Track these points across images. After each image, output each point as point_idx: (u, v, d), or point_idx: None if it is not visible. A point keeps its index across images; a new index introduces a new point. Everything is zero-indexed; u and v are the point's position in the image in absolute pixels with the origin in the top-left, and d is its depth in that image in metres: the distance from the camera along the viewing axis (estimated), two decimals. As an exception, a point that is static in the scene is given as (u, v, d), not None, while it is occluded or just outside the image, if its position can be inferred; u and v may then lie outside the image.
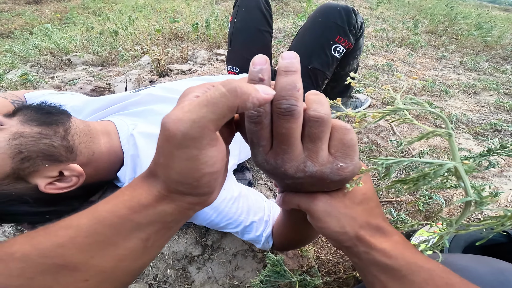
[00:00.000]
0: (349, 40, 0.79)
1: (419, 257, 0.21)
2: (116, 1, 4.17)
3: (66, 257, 0.17)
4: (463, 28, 2.16)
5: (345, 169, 0.20)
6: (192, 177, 0.17)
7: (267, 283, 0.49)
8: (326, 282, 0.55)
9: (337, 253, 0.62)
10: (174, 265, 0.62)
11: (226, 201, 0.48)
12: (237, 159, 0.64)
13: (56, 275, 0.16)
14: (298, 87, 0.17)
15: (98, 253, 0.17)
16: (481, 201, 0.20)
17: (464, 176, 0.20)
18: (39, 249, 0.17)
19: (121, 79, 1.35)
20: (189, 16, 2.39)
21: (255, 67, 0.17)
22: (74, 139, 0.42)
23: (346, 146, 0.20)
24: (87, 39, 1.85)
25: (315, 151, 0.19)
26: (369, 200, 0.24)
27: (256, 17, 0.91)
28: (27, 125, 0.39)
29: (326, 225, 0.23)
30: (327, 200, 0.23)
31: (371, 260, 0.22)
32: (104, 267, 0.18)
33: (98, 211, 0.18)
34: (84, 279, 0.17)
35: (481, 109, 1.20)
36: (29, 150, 0.37)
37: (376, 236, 0.23)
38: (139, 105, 0.57)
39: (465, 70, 1.61)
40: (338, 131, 0.20)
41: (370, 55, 1.74)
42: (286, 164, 0.20)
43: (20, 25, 2.93)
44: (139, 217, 0.18)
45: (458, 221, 0.23)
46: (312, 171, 0.20)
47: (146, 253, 0.20)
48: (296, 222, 0.35)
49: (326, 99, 0.19)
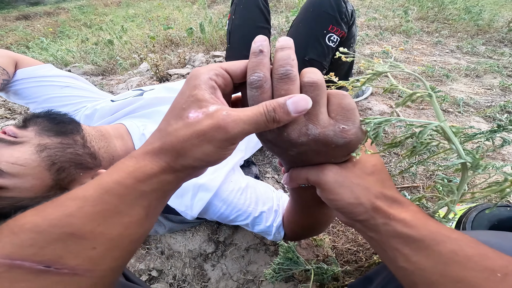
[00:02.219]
0: (342, 28, 0.79)
1: (443, 227, 0.20)
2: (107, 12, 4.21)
3: (75, 225, 0.17)
4: (453, 13, 2.16)
5: (348, 131, 0.20)
6: (213, 158, 0.20)
7: (280, 272, 0.48)
8: (346, 272, 0.53)
9: (356, 242, 0.60)
10: (191, 263, 0.62)
11: (234, 192, 0.48)
12: (244, 154, 0.64)
13: (65, 244, 0.17)
14: (292, 57, 0.20)
15: (105, 221, 0.18)
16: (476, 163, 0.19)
17: (453, 137, 0.20)
18: (48, 219, 0.17)
19: (123, 86, 1.36)
20: (183, 22, 2.40)
21: (256, 43, 0.21)
22: (93, 145, 0.43)
23: (345, 110, 0.21)
24: (84, 50, 1.87)
25: (315, 114, 0.20)
26: (380, 172, 0.23)
27: (254, 14, 0.91)
28: (45, 136, 0.39)
29: (338, 197, 0.22)
30: (337, 170, 0.23)
31: (391, 231, 0.21)
32: (111, 234, 0.18)
33: (104, 182, 0.19)
34: (92, 247, 0.18)
35: (487, 91, 1.19)
36: (60, 161, 0.38)
37: (394, 206, 0.22)
38: (145, 108, 0.58)
39: (463, 54, 1.60)
40: (335, 97, 0.21)
41: (366, 44, 1.74)
42: (288, 127, 0.21)
43: (16, 40, 2.96)
44: (144, 185, 0.19)
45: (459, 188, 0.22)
46: (315, 134, 0.20)
47: (147, 221, 0.20)
48: (306, 204, 0.34)
49: (318, 71, 0.21)
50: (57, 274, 0.16)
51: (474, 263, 0.18)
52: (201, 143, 0.19)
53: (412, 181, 0.76)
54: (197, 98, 0.19)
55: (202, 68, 0.21)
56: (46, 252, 0.16)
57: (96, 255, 0.18)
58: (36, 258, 0.16)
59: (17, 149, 0.36)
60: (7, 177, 0.35)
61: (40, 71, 0.60)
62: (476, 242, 0.19)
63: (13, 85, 0.57)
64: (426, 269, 0.19)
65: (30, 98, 0.59)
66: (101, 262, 0.18)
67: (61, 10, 5.29)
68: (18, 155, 0.36)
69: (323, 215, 0.36)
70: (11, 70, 0.56)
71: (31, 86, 0.58)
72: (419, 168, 0.78)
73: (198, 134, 0.19)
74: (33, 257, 0.16)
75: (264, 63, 0.21)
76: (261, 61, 0.21)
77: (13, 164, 0.35)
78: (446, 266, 0.18)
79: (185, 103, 0.20)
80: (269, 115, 0.19)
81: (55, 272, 0.16)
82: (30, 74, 0.58)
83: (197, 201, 0.47)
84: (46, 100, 0.59)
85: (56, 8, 5.45)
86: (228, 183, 0.49)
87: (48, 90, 0.59)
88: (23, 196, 0.36)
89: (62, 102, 0.60)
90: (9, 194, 0.35)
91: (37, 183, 0.36)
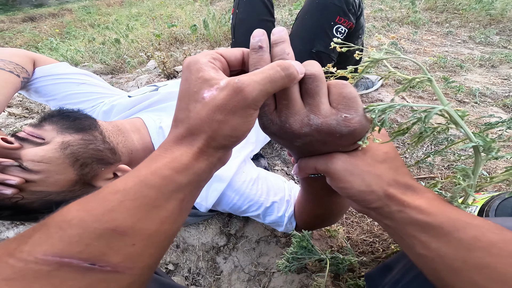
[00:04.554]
0: (349, 19, 0.77)
1: (463, 214, 0.20)
2: (110, 12, 4.24)
3: (117, 221, 0.17)
4: (463, 3, 2.10)
5: (351, 120, 0.20)
6: (241, 131, 0.20)
7: (293, 261, 0.47)
8: (362, 263, 0.52)
9: (372, 233, 0.59)
10: (204, 256, 0.62)
11: (246, 183, 0.49)
12: (254, 146, 0.64)
13: (108, 240, 0.17)
14: (287, 51, 0.21)
15: (144, 216, 0.18)
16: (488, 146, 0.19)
17: (459, 120, 0.19)
18: (93, 215, 0.17)
19: (133, 84, 1.38)
20: (186, 19, 2.40)
21: (255, 39, 0.21)
22: (112, 141, 0.43)
23: (346, 99, 0.20)
24: (91, 49, 1.89)
25: (316, 105, 0.20)
26: (393, 159, 0.23)
27: (258, 7, 0.91)
28: (67, 134, 0.40)
29: (349, 185, 0.22)
30: (346, 158, 0.22)
31: (406, 219, 0.20)
32: (149, 230, 0.18)
33: (142, 174, 0.19)
34: (131, 244, 0.17)
35: (504, 82, 1.16)
36: (83, 157, 0.39)
37: (408, 193, 0.21)
38: (161, 102, 0.59)
39: (476, 44, 1.56)
40: (335, 87, 0.21)
41: (373, 35, 1.71)
42: (290, 118, 0.21)
43: (25, 41, 3.02)
44: (181, 177, 0.19)
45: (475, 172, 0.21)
46: (317, 124, 0.20)
47: (181, 215, 0.20)
48: (317, 194, 0.34)
49: (316, 63, 0.21)
50: (100, 272, 0.16)
51: (499, 249, 0.17)
52: (226, 117, 0.19)
53: (429, 171, 0.74)
54: (204, 78, 0.20)
55: (197, 55, 0.21)
56: (91, 249, 0.16)
57: (135, 252, 0.17)
58: (83, 256, 0.16)
59: (42, 147, 0.37)
60: (33, 173, 0.36)
61: (57, 69, 0.61)
62: (499, 228, 0.18)
63: (33, 83, 0.59)
64: (447, 256, 0.19)
65: (50, 96, 0.60)
66: (140, 259, 0.18)
67: (65, 11, 5.35)
68: (43, 153, 0.37)
69: (335, 204, 0.35)
70: (30, 68, 0.57)
71: (49, 83, 0.59)
72: (437, 159, 0.77)
73: (220, 109, 0.19)
74: (80, 255, 0.16)
75: (264, 58, 0.21)
76: (262, 57, 0.21)
77: (39, 162, 0.36)
78: (469, 252, 0.18)
79: (195, 86, 0.20)
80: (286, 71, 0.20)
81: (99, 270, 0.16)
82: (48, 72, 0.60)
83: (211, 192, 0.48)
84: (65, 97, 0.60)
85: (60, 9, 5.51)
86: (240, 174, 0.50)
87: (66, 87, 0.60)
88: (50, 190, 0.37)
89: (80, 98, 0.61)
90: (37, 188, 0.37)
91: (62, 178, 0.38)
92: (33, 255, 0.15)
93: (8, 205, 0.36)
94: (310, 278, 0.52)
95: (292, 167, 0.82)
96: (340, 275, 0.51)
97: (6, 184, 0.35)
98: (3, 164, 0.35)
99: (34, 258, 0.15)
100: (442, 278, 0.19)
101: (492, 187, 0.68)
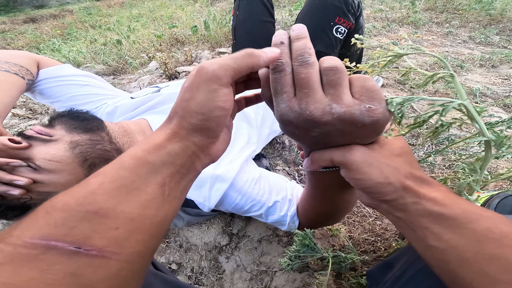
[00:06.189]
0: (349, 20, 0.78)
1: (475, 206, 0.20)
2: (111, 13, 4.25)
3: (97, 203, 0.17)
4: (463, 3, 2.10)
5: (375, 110, 0.20)
6: (208, 107, 0.21)
7: (295, 260, 0.47)
8: (364, 261, 0.52)
9: (373, 232, 0.60)
10: (207, 256, 0.63)
11: (248, 182, 0.49)
12: (256, 147, 0.65)
13: (91, 223, 0.17)
14: (309, 46, 0.22)
15: (124, 198, 0.18)
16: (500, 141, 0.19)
17: (476, 116, 0.20)
18: (76, 197, 0.18)
19: (135, 84, 1.39)
20: (186, 20, 2.41)
21: (277, 37, 0.23)
22: (118, 141, 0.44)
23: (370, 91, 0.20)
24: (93, 50, 1.90)
25: (338, 95, 0.21)
26: (408, 154, 0.24)
27: (258, 8, 0.91)
28: (75, 134, 0.40)
29: (366, 176, 0.22)
30: (364, 150, 0.23)
31: (421, 210, 0.21)
32: (131, 213, 0.18)
33: (121, 157, 0.20)
34: (115, 227, 0.17)
35: (504, 82, 1.16)
36: (91, 157, 0.39)
37: (423, 186, 0.22)
38: (164, 104, 0.60)
39: (476, 44, 1.56)
40: (357, 80, 0.21)
41: (373, 36, 1.71)
42: (310, 105, 0.21)
43: (26, 43, 3.03)
44: (153, 157, 0.20)
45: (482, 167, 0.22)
46: (340, 112, 0.20)
47: (164, 202, 0.20)
48: (325, 189, 0.34)
49: (336, 58, 0.22)
50: (86, 255, 0.16)
51: (510, 240, 0.17)
52: (192, 94, 0.21)
53: (430, 171, 0.75)
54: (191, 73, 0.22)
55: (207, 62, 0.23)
56: (76, 232, 0.16)
57: (119, 236, 0.18)
58: (68, 239, 0.16)
59: (52, 146, 0.38)
60: (44, 172, 0.36)
61: (61, 71, 0.61)
62: (510, 221, 0.19)
63: (37, 85, 0.59)
64: (459, 247, 0.19)
65: (54, 97, 0.61)
66: (126, 245, 0.18)
67: (66, 12, 5.37)
68: (54, 152, 0.37)
69: (342, 201, 0.36)
70: (34, 70, 0.57)
71: (54, 85, 0.60)
72: (438, 158, 0.77)
73: (187, 88, 0.21)
74: (65, 237, 0.16)
75: (285, 52, 0.22)
76: (283, 51, 0.22)
77: (50, 160, 0.36)
78: (481, 243, 0.18)
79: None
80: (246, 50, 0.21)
81: (85, 253, 0.16)
82: (52, 74, 0.60)
83: (214, 192, 0.48)
84: (69, 99, 0.61)
85: (61, 11, 5.53)
86: (242, 174, 0.50)
87: (70, 89, 0.61)
88: (58, 190, 0.38)
89: (84, 100, 0.62)
90: (45, 189, 0.37)
91: (71, 178, 0.38)
92: (21, 239, 0.16)
93: (16, 205, 0.37)
94: (312, 276, 0.53)
95: (294, 167, 0.82)
96: (342, 274, 0.51)
97: (14, 185, 0.35)
98: (12, 165, 0.35)
99: (22, 242, 0.16)
100: (452, 270, 0.19)
101: (494, 186, 0.68)
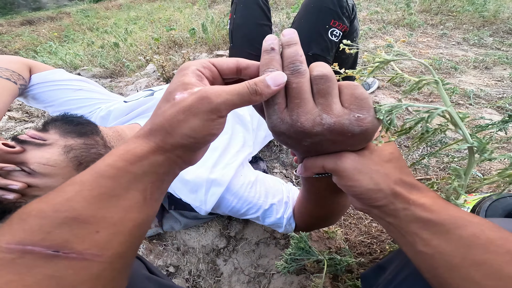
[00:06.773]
0: (343, 23, 0.79)
1: (464, 212, 0.20)
2: (109, 16, 4.25)
3: (76, 210, 0.18)
4: (457, 4, 2.13)
5: (364, 119, 0.20)
6: (201, 133, 0.21)
7: (291, 263, 0.48)
8: (360, 263, 0.52)
9: (369, 234, 0.60)
10: (205, 259, 0.63)
11: (245, 186, 0.50)
12: (252, 149, 0.65)
13: (70, 228, 0.17)
14: (300, 53, 0.22)
15: (104, 205, 0.18)
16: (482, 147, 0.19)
17: (459, 122, 0.20)
18: (51, 204, 0.18)
19: (132, 87, 1.39)
20: (184, 23, 2.41)
21: (267, 42, 0.22)
22: (113, 145, 0.44)
23: (359, 99, 0.21)
24: (90, 53, 1.90)
25: (328, 105, 0.21)
26: (398, 159, 0.24)
27: (254, 12, 0.92)
28: (69, 138, 0.41)
29: (357, 183, 0.22)
30: (355, 157, 0.23)
31: (410, 216, 0.21)
32: (112, 218, 0.19)
33: (98, 166, 0.20)
34: (95, 231, 0.18)
35: (497, 83, 1.18)
36: (86, 161, 0.39)
37: (413, 192, 0.22)
38: None
39: (470, 46, 1.58)
40: (347, 88, 0.22)
41: (369, 38, 1.73)
42: (301, 117, 0.21)
43: (23, 45, 3.01)
44: (134, 167, 0.20)
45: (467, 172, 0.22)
46: (330, 123, 0.21)
47: (146, 205, 0.21)
48: (319, 194, 0.34)
49: (326, 64, 0.22)
50: (66, 258, 0.17)
51: (496, 246, 0.18)
52: (187, 117, 0.20)
53: (424, 173, 0.75)
54: (183, 82, 0.21)
55: (191, 61, 0.23)
56: (53, 237, 0.17)
57: (101, 239, 0.18)
58: (45, 243, 0.16)
59: (46, 150, 0.38)
60: (39, 176, 0.36)
61: (53, 76, 0.61)
62: (497, 227, 0.19)
63: (30, 90, 0.59)
64: (447, 253, 0.19)
65: (47, 102, 0.61)
66: (108, 247, 0.18)
67: (63, 15, 5.35)
68: (48, 156, 0.37)
69: (336, 204, 0.36)
70: (26, 75, 0.57)
71: (46, 90, 0.60)
72: (432, 160, 0.78)
73: (183, 110, 0.20)
74: (42, 242, 0.16)
75: (276, 59, 0.22)
76: (273, 57, 0.22)
77: (45, 164, 0.37)
78: (468, 249, 0.18)
79: (172, 87, 0.21)
80: (251, 88, 0.21)
81: (64, 256, 0.17)
82: (45, 78, 0.60)
83: (210, 196, 0.49)
84: (63, 104, 0.61)
85: (58, 13, 5.51)
86: (238, 177, 0.51)
87: (63, 94, 0.61)
88: None
89: (77, 104, 0.62)
90: (40, 193, 0.37)
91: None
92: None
93: (11, 210, 0.37)
94: (309, 279, 0.53)
95: (291, 169, 0.83)
96: (339, 276, 0.51)
97: (9, 189, 0.35)
98: (6, 169, 0.35)
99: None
100: (440, 275, 0.19)
101: (488, 188, 0.69)
